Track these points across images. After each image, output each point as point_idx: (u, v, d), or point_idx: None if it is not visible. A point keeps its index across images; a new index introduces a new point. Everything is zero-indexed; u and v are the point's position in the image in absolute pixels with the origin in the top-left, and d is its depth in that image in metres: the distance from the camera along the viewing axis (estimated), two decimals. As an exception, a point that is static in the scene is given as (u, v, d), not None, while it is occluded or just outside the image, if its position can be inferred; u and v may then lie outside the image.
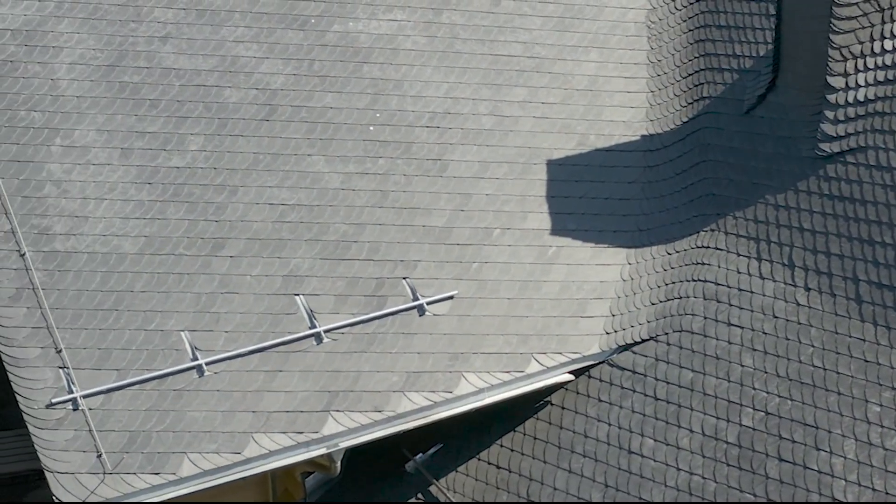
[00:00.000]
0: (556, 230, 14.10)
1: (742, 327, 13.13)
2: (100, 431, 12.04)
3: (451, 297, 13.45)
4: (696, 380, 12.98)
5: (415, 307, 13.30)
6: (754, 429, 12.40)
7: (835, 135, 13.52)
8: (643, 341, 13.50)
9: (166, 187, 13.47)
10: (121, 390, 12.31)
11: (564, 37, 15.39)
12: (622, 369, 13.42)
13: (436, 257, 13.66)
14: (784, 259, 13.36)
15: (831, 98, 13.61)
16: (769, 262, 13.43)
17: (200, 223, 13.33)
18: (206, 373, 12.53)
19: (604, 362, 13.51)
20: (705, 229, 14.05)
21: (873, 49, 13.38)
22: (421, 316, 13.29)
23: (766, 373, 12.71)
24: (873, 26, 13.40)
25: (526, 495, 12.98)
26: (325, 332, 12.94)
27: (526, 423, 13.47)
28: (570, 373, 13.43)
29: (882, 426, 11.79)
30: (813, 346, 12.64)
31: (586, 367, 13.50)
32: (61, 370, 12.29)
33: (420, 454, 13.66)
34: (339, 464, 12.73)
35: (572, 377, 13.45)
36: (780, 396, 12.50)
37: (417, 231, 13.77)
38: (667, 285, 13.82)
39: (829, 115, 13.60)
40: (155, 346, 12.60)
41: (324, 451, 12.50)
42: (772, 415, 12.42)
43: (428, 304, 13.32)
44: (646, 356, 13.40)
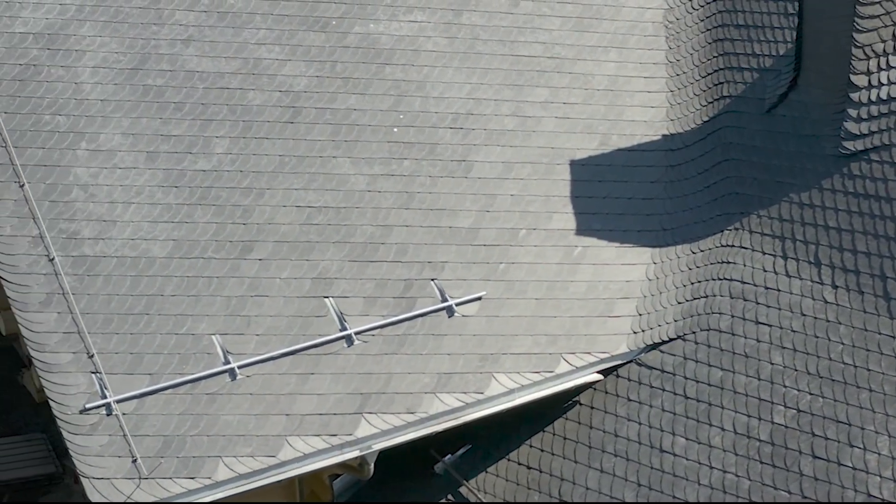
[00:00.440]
0: (581, 230, 14.13)
1: (770, 325, 13.18)
2: (134, 436, 12.00)
3: (480, 298, 13.47)
4: (725, 378, 13.03)
5: (444, 308, 13.32)
6: (787, 426, 12.45)
7: (858, 133, 13.59)
8: (670, 340, 13.54)
9: (193, 190, 13.44)
10: (154, 395, 12.28)
11: (584, 37, 15.42)
12: (650, 368, 13.46)
13: (463, 258, 13.67)
14: (810, 257, 13.41)
15: (854, 96, 13.69)
16: (795, 261, 13.49)
17: (228, 226, 13.31)
18: (238, 376, 12.51)
19: (632, 361, 13.55)
20: (729, 228, 14.10)
21: (896, 47, 13.51)
22: (450, 317, 13.30)
23: (796, 370, 12.77)
24: (897, 25, 13.52)
25: (558, 495, 13.00)
26: (355, 334, 12.95)
27: (555, 423, 13.49)
28: (598, 372, 13.47)
29: (916, 422, 11.90)
30: (842, 343, 12.70)
31: (614, 366, 13.54)
32: (94, 375, 12.25)
33: (449, 455, 13.67)
34: (371, 466, 12.73)
35: (601, 377, 13.48)
36: (811, 394, 12.55)
37: (444, 232, 13.78)
38: (693, 284, 13.85)
39: (853, 113, 13.68)
40: (187, 350, 12.57)
41: (357, 453, 12.51)
42: (804, 412, 12.47)
43: (457, 305, 13.33)
44: (674, 355, 13.43)
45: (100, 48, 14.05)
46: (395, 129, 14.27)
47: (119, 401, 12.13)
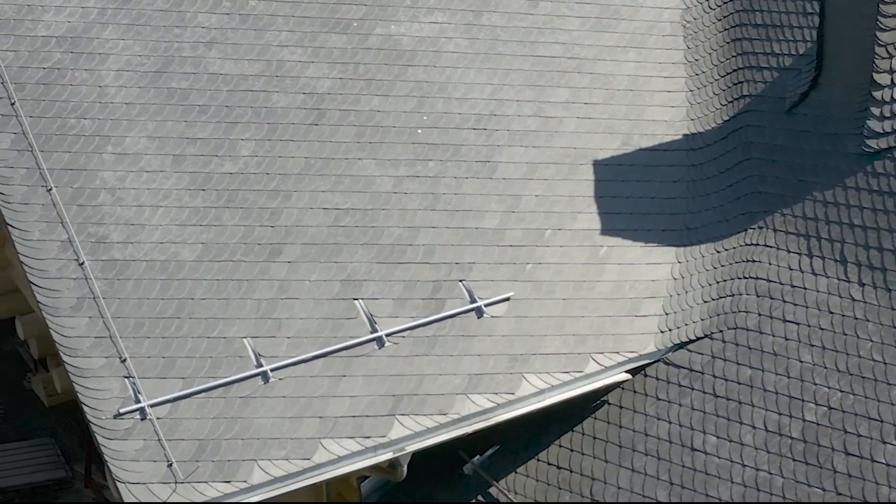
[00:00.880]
0: (605, 230, 14.17)
1: (798, 323, 13.24)
2: (169, 440, 11.97)
3: (508, 299, 13.49)
4: (754, 376, 13.08)
5: (473, 309, 13.33)
6: (818, 423, 12.51)
7: (881, 131, 13.66)
8: (698, 339, 13.58)
9: (220, 193, 13.41)
10: (187, 398, 12.26)
11: (603, 37, 15.46)
12: (678, 367, 13.50)
13: (490, 259, 13.69)
14: (836, 255, 13.48)
15: (877, 94, 13.76)
16: (821, 259, 13.55)
17: (256, 229, 13.29)
18: (271, 379, 12.50)
19: (659, 360, 13.60)
20: (753, 227, 14.15)
21: (920, 46, 13.57)
22: (479, 318, 13.32)
23: (825, 368, 12.83)
24: (920, 23, 13.58)
25: (590, 494, 13.03)
26: (386, 335, 12.95)
27: (584, 423, 13.52)
28: (626, 371, 13.51)
29: (950, 419, 11.97)
30: (871, 340, 12.76)
31: (642, 365, 13.58)
32: (127, 380, 12.21)
33: (477, 456, 13.68)
34: (405, 468, 12.74)
35: (629, 376, 13.52)
36: (841, 391, 12.61)
37: (471, 233, 13.79)
38: (718, 283, 13.91)
39: (876, 111, 13.75)
40: (219, 354, 12.55)
41: (390, 455, 12.51)
42: (835, 409, 12.52)
43: (486, 306, 13.35)
44: (702, 354, 13.48)
45: (123, 51, 14.00)
46: (419, 131, 14.28)
47: (153, 405, 12.09)
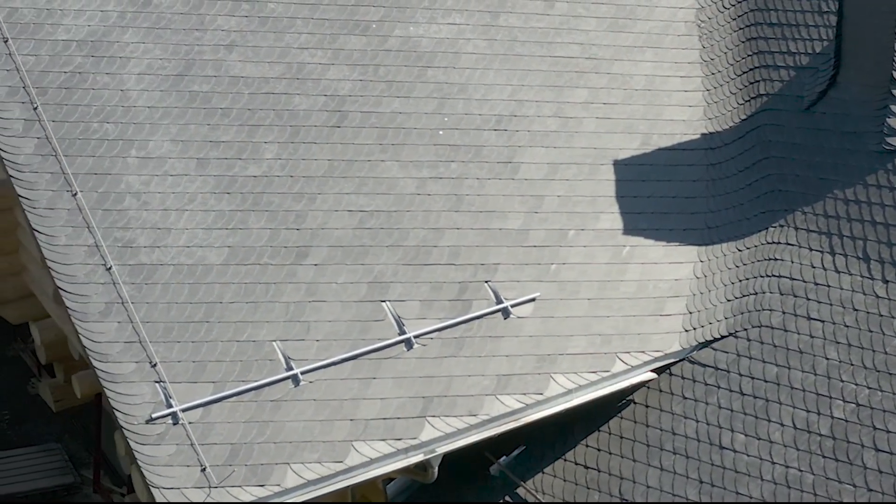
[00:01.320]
0: (628, 230, 14.20)
1: (823, 321, 13.30)
2: (202, 445, 11.93)
3: (534, 300, 13.51)
4: (781, 374, 13.13)
5: (499, 310, 13.35)
6: (847, 420, 12.56)
7: (902, 129, 13.78)
8: (722, 337, 13.62)
9: (245, 196, 13.38)
10: (218, 403, 12.22)
11: (619, 37, 15.50)
12: (704, 366, 13.54)
13: (514, 260, 13.71)
14: (858, 252, 13.54)
15: (897, 92, 13.88)
16: (843, 256, 13.62)
17: (282, 232, 13.26)
18: (301, 382, 12.48)
19: (684, 359, 13.64)
20: (774, 225, 14.21)
21: (940, 43, 13.65)
22: (506, 319, 13.33)
23: (852, 365, 12.89)
24: (940, 20, 13.66)
25: (619, 494, 13.05)
26: (414, 337, 12.95)
27: (610, 422, 13.54)
28: (652, 371, 13.54)
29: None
30: (897, 337, 12.87)
31: (667, 364, 13.62)
32: (158, 384, 12.17)
33: (504, 457, 13.70)
34: (435, 469, 12.74)
35: (655, 375, 13.56)
36: (869, 388, 12.67)
37: (495, 234, 13.80)
38: (741, 281, 13.96)
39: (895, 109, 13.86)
40: (249, 357, 12.52)
41: (422, 456, 12.51)
42: (863, 406, 12.58)
43: (512, 306, 13.36)
44: (727, 352, 13.52)
45: (144, 55, 13.95)
46: (440, 132, 14.28)
47: (185, 409, 12.06)
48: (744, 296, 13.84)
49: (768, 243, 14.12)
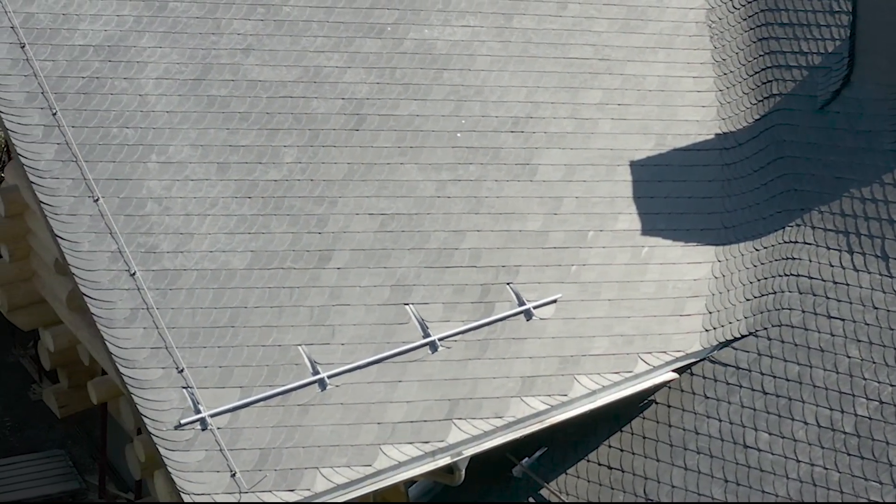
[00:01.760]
0: (646, 230, 14.25)
1: (843, 319, 13.37)
2: (231, 450, 11.92)
3: (555, 301, 13.55)
4: (803, 372, 13.20)
5: (522, 312, 13.37)
6: (870, 418, 12.64)
7: (917, 127, 13.88)
8: (742, 337, 13.69)
9: (266, 201, 13.37)
10: (246, 408, 12.20)
11: (631, 38, 15.55)
12: (725, 365, 13.60)
13: (535, 261, 13.74)
14: (877, 251, 13.63)
15: (912, 91, 13.98)
16: (861, 255, 13.70)
17: (304, 236, 13.26)
18: (328, 386, 12.47)
19: (705, 359, 13.69)
20: (791, 224, 14.28)
21: (956, 41, 13.74)
22: (528, 320, 13.36)
23: (874, 363, 12.97)
24: (956, 18, 13.75)
25: (643, 494, 13.09)
26: (439, 340, 12.96)
27: (632, 423, 13.59)
28: (673, 371, 13.59)
29: None
30: (918, 335, 12.95)
31: (688, 364, 13.67)
32: (185, 390, 12.14)
33: (526, 458, 13.72)
34: (462, 472, 12.76)
35: (676, 375, 13.61)
36: (892, 385, 12.74)
37: (515, 236, 13.83)
38: (759, 281, 14.02)
39: (910, 107, 13.98)
40: (275, 362, 12.50)
41: (449, 459, 12.52)
42: (886, 404, 12.66)
43: (534, 308, 13.39)
44: (747, 351, 13.58)
45: (161, 59, 13.91)
46: (458, 135, 14.30)
47: (213, 415, 12.03)
48: (763, 295, 13.91)
49: (785, 242, 14.19)
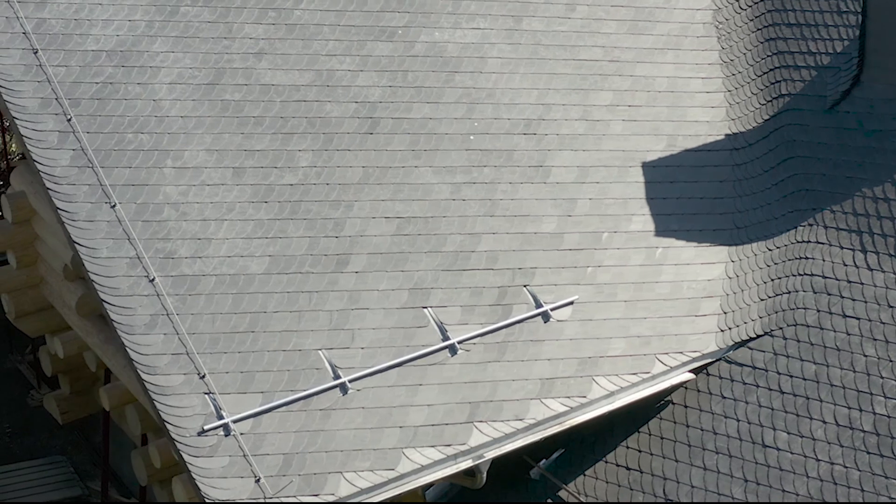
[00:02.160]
0: (659, 231, 14.28)
1: (858, 318, 13.43)
2: (254, 456, 11.88)
3: (572, 303, 13.57)
4: (819, 372, 13.25)
5: (539, 314, 13.39)
6: (889, 416, 12.69)
7: (928, 127, 13.96)
8: (758, 337, 13.74)
9: (283, 205, 13.33)
10: (268, 413, 12.17)
11: (640, 40, 15.59)
12: (741, 365, 13.64)
13: (551, 263, 13.75)
14: (890, 249, 13.69)
15: (922, 90, 14.06)
16: (875, 254, 13.77)
17: (322, 240, 13.23)
18: (349, 390, 12.45)
19: (721, 359, 13.74)
20: (803, 224, 14.34)
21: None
22: (546, 322, 13.37)
23: (891, 361, 13.02)
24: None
25: (663, 494, 13.12)
26: (458, 343, 12.96)
27: (650, 424, 13.61)
28: (689, 371, 13.63)
29: None
30: (934, 333, 13.02)
31: (704, 364, 13.71)
32: (207, 396, 12.10)
33: (543, 460, 13.73)
34: (484, 475, 12.76)
35: (693, 376, 13.64)
36: (909, 384, 12.86)
37: (530, 238, 13.84)
38: (773, 280, 14.07)
39: (921, 107, 14.06)
40: (296, 367, 12.48)
41: (471, 462, 12.53)
42: (905, 402, 12.77)
43: (552, 310, 13.41)
44: (763, 351, 13.63)
45: (174, 64, 13.86)
46: (471, 137, 14.30)
47: (236, 421, 12.00)
48: (777, 295, 13.96)
49: (798, 242, 14.25)
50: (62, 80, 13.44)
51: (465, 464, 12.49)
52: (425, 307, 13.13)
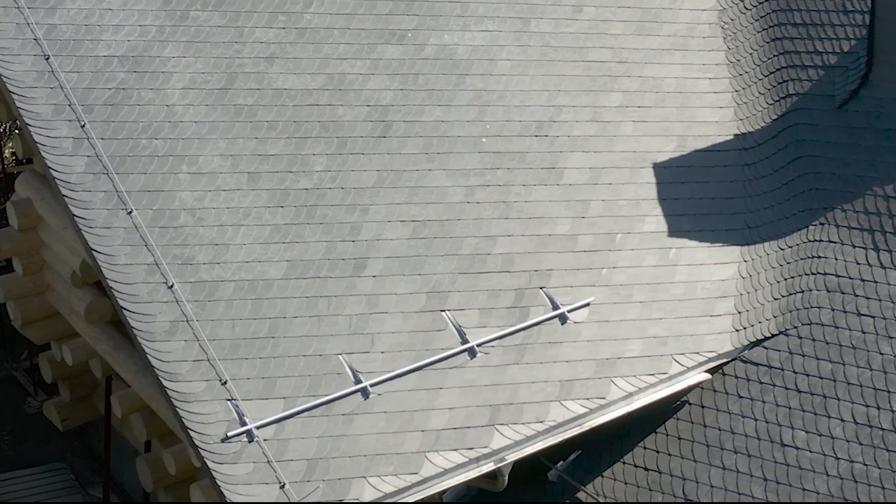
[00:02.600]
0: (672, 232, 14.32)
1: (873, 317, 13.49)
2: (278, 461, 11.84)
3: (588, 304, 13.58)
4: (836, 370, 13.30)
5: (556, 316, 13.39)
6: (907, 414, 12.81)
7: (937, 125, 14.04)
8: (773, 336, 13.78)
9: (299, 210, 13.29)
10: (291, 419, 12.13)
11: (647, 41, 15.62)
12: (757, 364, 13.68)
13: (566, 265, 13.76)
14: (903, 248, 13.80)
15: (932, 89, 14.14)
16: (888, 252, 13.83)
17: (339, 244, 13.19)
18: (371, 395, 12.42)
19: (736, 359, 13.77)
20: (814, 223, 14.39)
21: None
22: (563, 324, 13.38)
23: (907, 359, 13.14)
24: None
25: (682, 495, 13.14)
26: (477, 346, 12.95)
27: (666, 424, 13.64)
28: (705, 371, 13.67)
29: None
30: (950, 330, 13.10)
31: (719, 364, 13.75)
32: (229, 402, 12.04)
33: (560, 461, 13.74)
34: (506, 477, 12.75)
35: (710, 376, 13.68)
36: (926, 381, 12.92)
37: (545, 240, 13.84)
38: (786, 280, 14.12)
39: (931, 106, 14.13)
40: (317, 372, 12.44)
41: (493, 465, 12.52)
42: (923, 399, 12.84)
43: (569, 312, 13.42)
44: (779, 350, 13.68)
45: (186, 69, 13.80)
46: (483, 140, 14.29)
47: (259, 426, 11.95)
48: (791, 294, 14.01)
49: (810, 241, 14.31)
50: (75, 86, 13.35)
51: (488, 467, 12.48)
52: (443, 310, 13.12)
